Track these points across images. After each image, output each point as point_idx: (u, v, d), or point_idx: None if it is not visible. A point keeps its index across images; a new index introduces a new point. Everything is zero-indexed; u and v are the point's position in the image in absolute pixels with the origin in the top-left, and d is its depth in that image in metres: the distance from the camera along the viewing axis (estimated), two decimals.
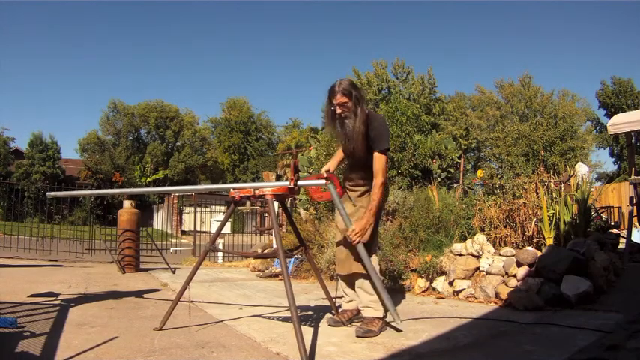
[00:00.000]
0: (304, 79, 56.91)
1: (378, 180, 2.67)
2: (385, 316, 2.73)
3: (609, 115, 28.24)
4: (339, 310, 3.00)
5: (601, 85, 31.57)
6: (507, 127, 26.39)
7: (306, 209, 6.99)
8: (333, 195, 2.65)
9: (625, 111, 20.73)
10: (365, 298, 2.74)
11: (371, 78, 26.64)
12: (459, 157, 8.67)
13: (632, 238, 5.19)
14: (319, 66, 55.80)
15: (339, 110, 2.68)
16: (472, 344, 2.38)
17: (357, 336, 2.57)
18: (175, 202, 21.02)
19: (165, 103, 37.52)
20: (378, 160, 2.68)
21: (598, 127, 31.62)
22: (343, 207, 2.68)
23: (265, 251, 6.31)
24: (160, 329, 2.66)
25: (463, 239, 4.32)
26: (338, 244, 2.93)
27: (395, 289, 4.13)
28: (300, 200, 7.37)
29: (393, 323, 2.69)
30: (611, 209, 9.36)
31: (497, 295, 3.49)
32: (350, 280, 2.86)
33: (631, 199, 4.99)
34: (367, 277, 2.69)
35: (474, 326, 2.79)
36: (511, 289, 3.39)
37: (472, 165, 29.04)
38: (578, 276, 3.21)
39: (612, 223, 6.79)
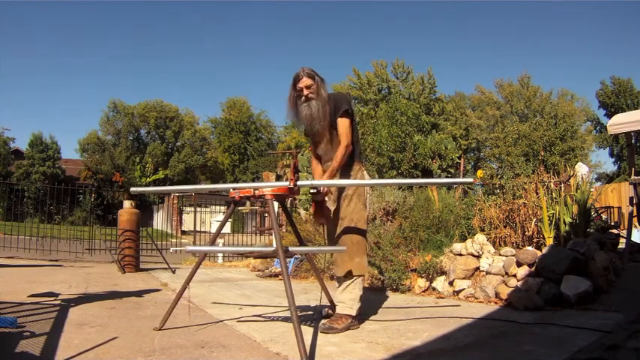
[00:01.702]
0: None
1: (342, 142, 2.74)
2: (357, 316, 2.77)
3: (609, 115, 28.24)
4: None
5: (601, 85, 31.59)
6: (507, 127, 26.42)
7: (306, 209, 7.00)
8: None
9: (625, 111, 20.73)
10: (342, 295, 2.80)
11: (371, 78, 26.65)
12: (459, 157, 8.67)
13: (632, 238, 5.19)
14: (319, 66, 54.67)
15: (305, 92, 2.79)
16: (472, 344, 2.38)
17: (320, 331, 2.63)
18: (175, 202, 21.00)
19: (165, 103, 37.54)
20: (341, 124, 2.78)
21: (598, 127, 31.62)
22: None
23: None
24: (159, 329, 2.66)
25: (463, 239, 4.32)
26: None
27: (395, 289, 4.13)
28: (300, 200, 7.37)
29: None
30: (611, 209, 9.36)
31: (497, 295, 3.49)
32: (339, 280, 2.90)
33: (631, 199, 4.99)
34: (352, 277, 2.76)
35: (474, 326, 2.79)
36: (511, 289, 3.39)
37: (472, 165, 29.06)
38: (578, 276, 3.21)
39: (612, 223, 6.80)
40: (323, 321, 2.74)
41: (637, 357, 1.92)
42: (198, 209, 11.20)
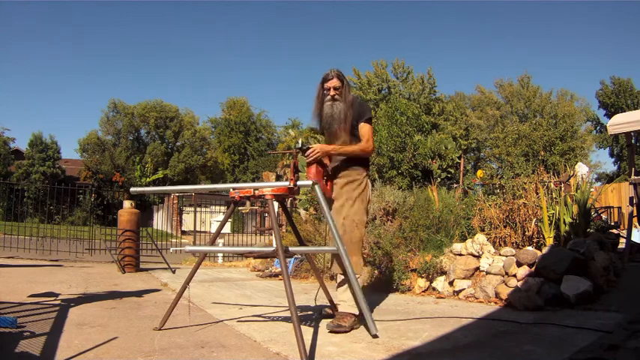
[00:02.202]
0: (304, 79, 56.91)
1: (365, 142, 2.86)
2: (359, 315, 2.78)
3: (609, 115, 28.26)
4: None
5: (601, 85, 31.59)
6: (507, 127, 26.39)
7: (306, 209, 7.00)
8: (318, 194, 2.69)
9: (625, 111, 20.73)
10: (343, 294, 2.83)
11: (371, 78, 26.63)
12: (459, 157, 8.68)
13: (632, 238, 5.19)
14: (319, 66, 55.90)
15: (332, 92, 2.89)
16: (472, 344, 2.38)
17: (329, 331, 2.65)
18: (175, 202, 20.99)
19: (165, 103, 37.49)
20: (366, 128, 2.89)
21: (598, 127, 31.61)
22: (326, 204, 2.73)
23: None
24: (159, 329, 2.66)
25: (463, 239, 4.32)
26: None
27: (395, 289, 4.13)
28: (300, 200, 7.37)
29: (371, 329, 2.57)
30: (611, 209, 9.37)
31: (497, 295, 3.49)
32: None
33: (631, 199, 4.99)
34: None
35: (474, 326, 2.79)
36: (511, 289, 3.39)
37: (472, 165, 29.05)
38: (578, 276, 3.21)
39: (612, 223, 6.79)
40: (329, 320, 2.78)
41: (637, 357, 1.92)
42: (198, 209, 11.20)
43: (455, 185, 7.52)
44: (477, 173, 7.84)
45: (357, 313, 2.76)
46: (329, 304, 3.08)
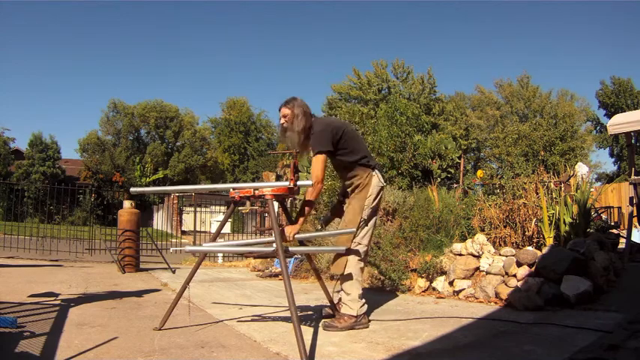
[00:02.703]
0: (304, 79, 56.88)
1: (312, 184, 2.73)
2: (360, 315, 2.81)
3: (609, 115, 28.25)
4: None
5: (601, 85, 31.57)
6: (507, 127, 26.38)
7: None
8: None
9: (625, 111, 20.72)
10: (343, 297, 2.87)
11: (371, 78, 26.63)
12: (459, 157, 8.67)
13: (632, 238, 5.19)
14: (319, 66, 55.80)
15: (281, 121, 2.93)
16: (472, 344, 2.38)
17: (322, 328, 2.73)
18: (175, 202, 20.98)
19: (165, 103, 37.48)
20: (313, 162, 2.79)
21: (598, 127, 31.60)
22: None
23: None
24: (159, 329, 2.66)
25: (463, 239, 4.32)
26: None
27: (395, 289, 4.13)
28: (300, 200, 7.37)
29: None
30: (611, 209, 9.36)
31: (497, 295, 3.49)
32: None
33: (631, 199, 4.99)
34: (348, 277, 2.83)
35: (473, 326, 2.79)
36: (511, 289, 3.39)
37: (472, 165, 29.04)
38: (578, 276, 3.21)
39: (612, 223, 6.79)
40: (326, 320, 2.81)
41: (637, 357, 1.92)
42: (198, 209, 11.20)
43: (455, 185, 7.52)
44: (477, 173, 7.84)
45: (355, 314, 2.77)
46: (329, 304, 3.08)
